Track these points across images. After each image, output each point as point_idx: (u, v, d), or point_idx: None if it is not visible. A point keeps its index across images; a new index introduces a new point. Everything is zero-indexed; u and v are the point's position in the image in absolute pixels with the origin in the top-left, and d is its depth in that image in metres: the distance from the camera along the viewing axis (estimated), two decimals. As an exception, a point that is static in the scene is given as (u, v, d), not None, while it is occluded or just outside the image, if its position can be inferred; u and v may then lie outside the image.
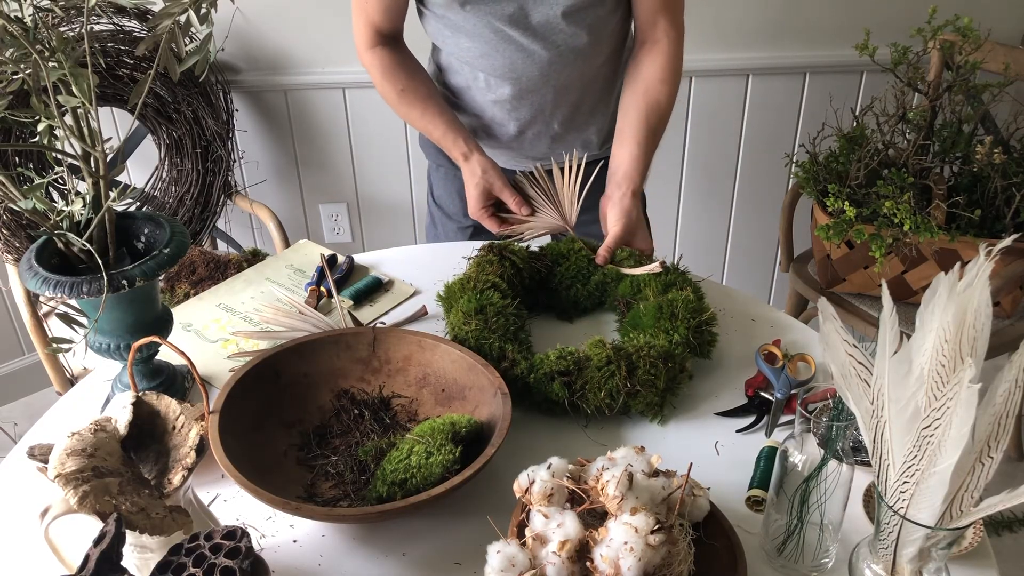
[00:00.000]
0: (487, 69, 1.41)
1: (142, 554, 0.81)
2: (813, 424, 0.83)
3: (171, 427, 0.88)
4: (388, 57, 1.42)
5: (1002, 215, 1.71)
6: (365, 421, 1.05)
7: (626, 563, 0.75)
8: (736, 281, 2.66)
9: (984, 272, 0.71)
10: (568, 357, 1.07)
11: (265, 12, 2.18)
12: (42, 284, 0.94)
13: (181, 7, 0.85)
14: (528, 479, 0.84)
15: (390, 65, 1.42)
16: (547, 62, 1.38)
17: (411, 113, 1.43)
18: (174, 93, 2.10)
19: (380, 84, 1.44)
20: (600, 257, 1.25)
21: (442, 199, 1.65)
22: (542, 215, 1.35)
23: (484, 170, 1.37)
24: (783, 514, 0.85)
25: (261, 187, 2.40)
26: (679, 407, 1.10)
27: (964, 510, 0.71)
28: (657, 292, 1.19)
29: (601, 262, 1.25)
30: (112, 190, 0.96)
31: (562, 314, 1.29)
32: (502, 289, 1.19)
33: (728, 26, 2.25)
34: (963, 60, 1.82)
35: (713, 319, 1.16)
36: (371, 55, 1.42)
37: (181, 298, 1.77)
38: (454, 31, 1.37)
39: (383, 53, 1.42)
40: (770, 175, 2.44)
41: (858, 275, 1.91)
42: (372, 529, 0.94)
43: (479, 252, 1.27)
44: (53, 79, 0.87)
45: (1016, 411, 0.72)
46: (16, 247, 1.96)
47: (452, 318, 1.16)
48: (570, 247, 1.29)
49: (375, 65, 1.42)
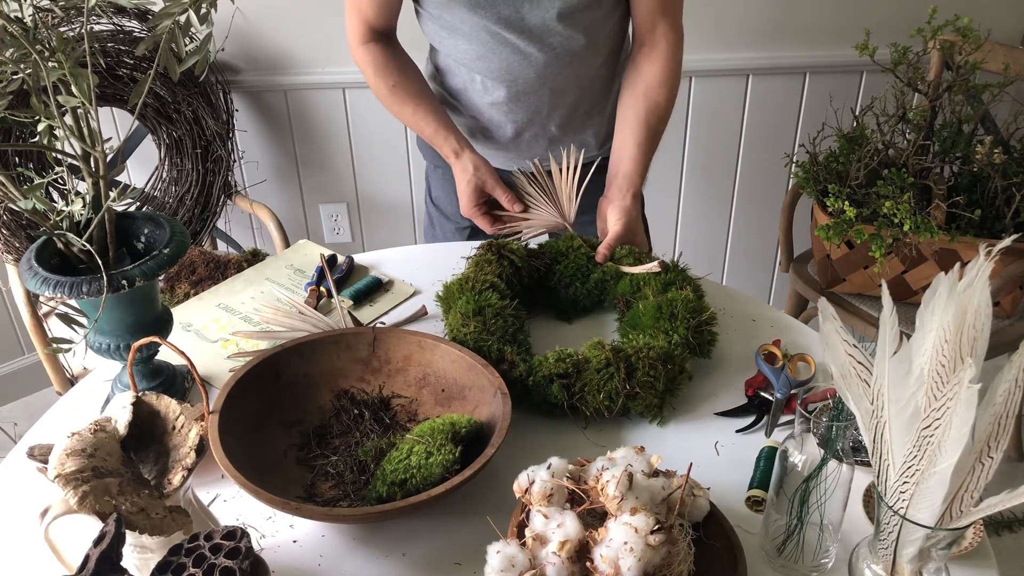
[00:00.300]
0: (483, 71, 1.41)
1: (142, 554, 0.81)
2: (813, 424, 0.83)
3: (171, 427, 0.88)
4: (380, 53, 1.42)
5: (1002, 215, 1.71)
6: (365, 421, 1.05)
7: (626, 563, 0.75)
8: (736, 281, 2.66)
9: (984, 272, 0.71)
10: (567, 359, 1.06)
11: (265, 12, 2.18)
12: (42, 284, 0.94)
13: (181, 7, 0.85)
14: (528, 479, 0.84)
15: (382, 61, 1.42)
16: (543, 64, 1.37)
17: (403, 110, 1.42)
18: (174, 93, 2.10)
19: (372, 80, 1.43)
20: (600, 255, 1.25)
21: (440, 200, 1.65)
22: (541, 213, 1.35)
23: (476, 167, 1.36)
24: (783, 514, 0.85)
25: (261, 187, 2.40)
26: (679, 408, 1.10)
27: (964, 510, 0.71)
28: (657, 291, 1.18)
29: (601, 260, 1.25)
30: (112, 190, 0.96)
31: (561, 313, 1.29)
32: (500, 289, 1.19)
33: (728, 26, 2.25)
34: (963, 60, 1.82)
35: (713, 318, 1.15)
36: (363, 51, 1.42)
37: (181, 298, 1.77)
38: (450, 32, 1.37)
39: (375, 49, 1.42)
40: (770, 175, 2.44)
41: (858, 275, 1.91)
42: (372, 529, 0.94)
43: (478, 251, 1.27)
44: (53, 79, 0.87)
45: (1016, 411, 0.72)
46: (16, 247, 1.96)
47: (450, 320, 1.15)
48: (569, 245, 1.29)
49: (367, 61, 1.42)
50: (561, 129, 1.49)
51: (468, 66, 1.42)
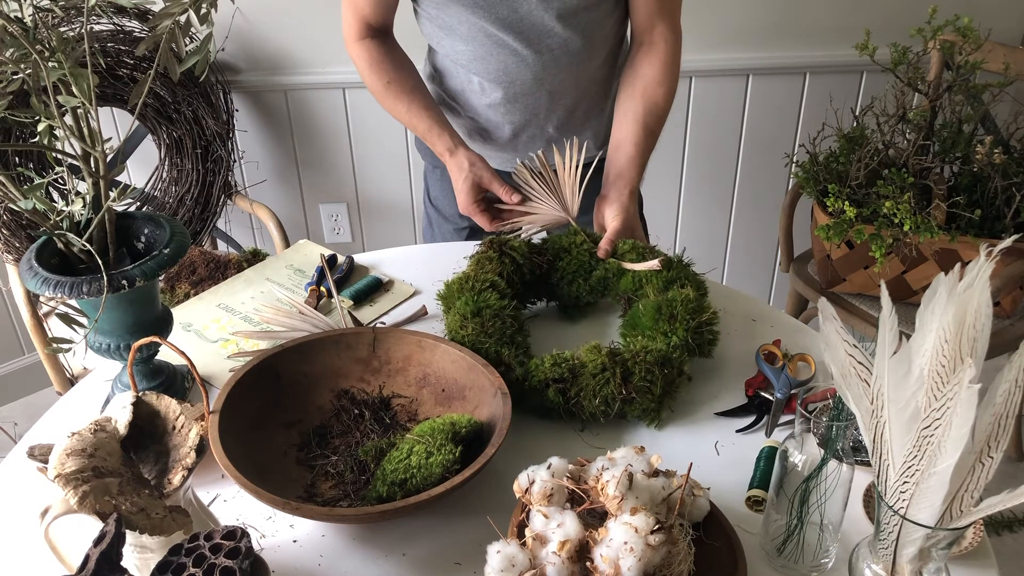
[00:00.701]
0: (480, 72, 1.40)
1: (142, 554, 0.81)
2: (813, 424, 0.83)
3: (171, 427, 0.88)
4: (376, 50, 1.41)
5: (1002, 215, 1.71)
6: (365, 421, 1.05)
7: (626, 563, 0.75)
8: (736, 281, 2.66)
9: (984, 272, 0.71)
10: (563, 364, 1.05)
11: (265, 12, 2.18)
12: (42, 284, 0.94)
13: (181, 7, 0.85)
14: (528, 479, 0.84)
15: (377, 57, 1.41)
16: (540, 66, 1.37)
17: (397, 106, 1.41)
18: (174, 93, 2.10)
19: (367, 76, 1.43)
20: (601, 250, 1.25)
21: (438, 200, 1.65)
22: (543, 207, 1.34)
23: (472, 163, 1.35)
24: (783, 514, 0.85)
25: (261, 187, 2.40)
26: (677, 410, 1.09)
27: (964, 510, 0.71)
28: (658, 289, 1.17)
29: (603, 255, 1.25)
30: (112, 190, 0.96)
31: (563, 309, 1.29)
32: (500, 288, 1.18)
33: (728, 26, 2.25)
34: (963, 60, 1.82)
35: (715, 318, 1.14)
36: (359, 47, 1.42)
37: (181, 298, 1.77)
38: (448, 33, 1.37)
39: (371, 45, 1.41)
40: (770, 175, 2.44)
41: (858, 275, 1.91)
42: (372, 529, 0.94)
43: (479, 248, 1.26)
44: (53, 79, 0.87)
45: (1016, 411, 0.72)
46: (16, 247, 1.96)
47: (449, 320, 1.14)
48: (572, 241, 1.28)
49: (362, 57, 1.42)
50: (559, 130, 1.49)
51: (466, 67, 1.41)
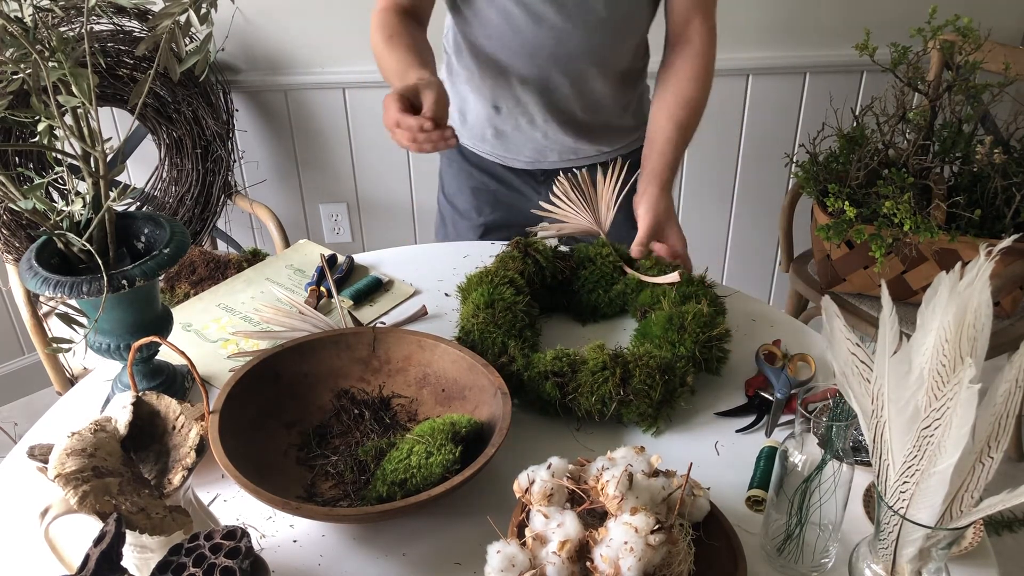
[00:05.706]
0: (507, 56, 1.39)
1: (142, 554, 0.81)
2: (813, 424, 0.83)
3: (171, 427, 0.88)
4: (395, 16, 1.35)
5: (1002, 215, 1.71)
6: (365, 421, 1.05)
7: (626, 563, 0.75)
8: (736, 281, 2.65)
9: (984, 272, 0.71)
10: (563, 358, 1.06)
11: (265, 12, 2.18)
12: (42, 284, 0.94)
13: (181, 7, 0.85)
14: (528, 479, 0.84)
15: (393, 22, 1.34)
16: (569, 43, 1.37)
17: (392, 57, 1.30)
18: (174, 93, 2.10)
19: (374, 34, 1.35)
20: (634, 251, 1.26)
21: (453, 195, 1.64)
22: (577, 216, 1.35)
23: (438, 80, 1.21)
24: (783, 514, 0.85)
25: (261, 187, 2.40)
26: (675, 419, 1.08)
27: (964, 510, 0.71)
28: (674, 303, 1.17)
29: (637, 256, 1.26)
30: (112, 190, 0.96)
31: (579, 318, 1.29)
32: (518, 285, 1.19)
33: (728, 26, 2.23)
34: (963, 60, 1.82)
35: (726, 336, 1.13)
36: (382, 14, 1.36)
37: (181, 298, 1.77)
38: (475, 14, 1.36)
39: (393, 12, 1.36)
40: (770, 175, 2.44)
41: (858, 275, 1.91)
42: (372, 529, 0.94)
43: (506, 247, 1.28)
44: (53, 79, 0.87)
45: (1016, 411, 0.72)
46: (16, 247, 1.96)
47: (464, 309, 1.17)
48: (598, 252, 1.29)
49: (378, 16, 1.35)
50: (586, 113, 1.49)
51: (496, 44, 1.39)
